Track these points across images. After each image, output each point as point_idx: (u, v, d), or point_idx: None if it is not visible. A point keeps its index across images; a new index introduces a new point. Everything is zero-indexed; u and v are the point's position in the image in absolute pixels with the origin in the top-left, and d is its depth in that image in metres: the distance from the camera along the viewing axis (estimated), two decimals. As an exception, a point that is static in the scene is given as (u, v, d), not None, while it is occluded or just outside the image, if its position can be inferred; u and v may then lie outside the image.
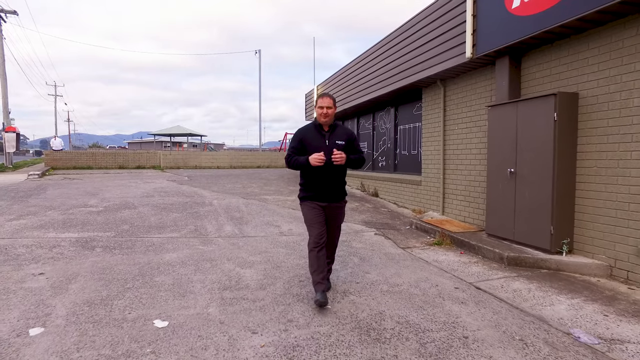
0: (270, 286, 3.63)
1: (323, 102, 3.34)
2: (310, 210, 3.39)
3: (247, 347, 2.49)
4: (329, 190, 3.38)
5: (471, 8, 5.63)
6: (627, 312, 3.29)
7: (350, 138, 3.46)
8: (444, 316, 3.14)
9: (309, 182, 3.39)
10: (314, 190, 3.37)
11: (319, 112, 3.34)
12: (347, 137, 3.44)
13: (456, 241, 5.54)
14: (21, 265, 3.94)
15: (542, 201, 4.65)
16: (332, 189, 3.39)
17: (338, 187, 3.45)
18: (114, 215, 6.69)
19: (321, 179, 3.34)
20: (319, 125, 3.39)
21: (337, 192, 3.44)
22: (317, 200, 3.38)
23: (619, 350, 2.68)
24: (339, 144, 3.34)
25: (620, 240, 4.07)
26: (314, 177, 3.35)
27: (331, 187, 3.38)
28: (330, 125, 3.41)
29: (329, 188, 3.37)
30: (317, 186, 3.36)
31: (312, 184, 3.38)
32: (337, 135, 3.39)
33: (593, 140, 4.37)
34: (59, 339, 2.49)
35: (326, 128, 3.40)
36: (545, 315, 3.24)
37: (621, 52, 4.04)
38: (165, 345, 2.47)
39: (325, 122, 3.36)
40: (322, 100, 3.35)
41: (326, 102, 3.33)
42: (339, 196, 3.47)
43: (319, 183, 3.35)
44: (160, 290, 3.41)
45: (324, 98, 3.36)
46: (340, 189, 3.47)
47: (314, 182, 3.36)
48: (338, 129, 3.46)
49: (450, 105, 7.05)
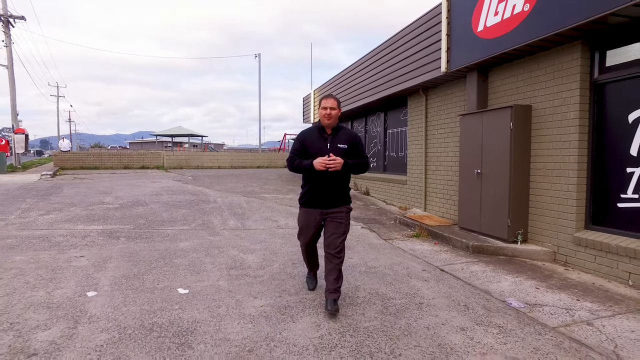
0: (268, 267, 4.42)
1: (327, 102, 3.23)
2: (304, 217, 3.38)
3: (250, 307, 3.28)
4: (329, 195, 3.28)
5: (445, 29, 6.42)
6: (555, 286, 4.08)
7: (354, 141, 3.32)
8: (407, 289, 3.92)
9: (309, 185, 3.31)
10: (314, 195, 3.29)
11: (322, 113, 3.24)
12: (350, 140, 3.30)
13: (432, 233, 6.33)
14: (64, 249, 4.76)
15: (501, 198, 5.44)
16: (333, 193, 3.28)
17: (339, 192, 3.32)
18: (129, 211, 7.48)
19: (321, 183, 3.25)
20: (322, 128, 3.30)
21: (338, 197, 3.32)
22: (315, 206, 3.31)
23: (537, 311, 3.47)
24: (340, 147, 3.23)
25: (562, 230, 4.86)
26: (314, 181, 3.26)
27: (331, 191, 3.28)
28: (333, 128, 3.30)
29: (329, 193, 3.27)
30: (317, 190, 3.28)
31: (312, 187, 3.30)
32: (339, 138, 3.27)
33: (543, 146, 5.16)
34: (109, 299, 3.30)
35: (329, 131, 3.29)
36: (490, 289, 4.02)
37: (561, 73, 4.83)
38: (188, 305, 3.27)
39: (329, 125, 3.26)
40: (326, 101, 3.24)
41: (330, 103, 3.22)
42: (340, 201, 3.33)
43: (319, 187, 3.26)
44: (179, 269, 4.21)
45: (328, 99, 3.26)
46: (341, 194, 3.34)
47: (314, 186, 3.28)
48: (341, 132, 3.33)
49: (431, 112, 7.84)
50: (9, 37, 22.13)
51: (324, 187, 3.27)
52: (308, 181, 3.33)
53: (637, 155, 4.20)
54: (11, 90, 22.22)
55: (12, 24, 22.31)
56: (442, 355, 2.63)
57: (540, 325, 3.16)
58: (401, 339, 2.84)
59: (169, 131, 37.20)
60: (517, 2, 4.97)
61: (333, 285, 3.23)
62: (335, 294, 3.21)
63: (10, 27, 22.33)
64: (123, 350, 2.52)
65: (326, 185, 3.26)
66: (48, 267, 4.10)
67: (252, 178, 14.95)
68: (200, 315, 3.08)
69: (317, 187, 3.28)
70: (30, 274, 3.86)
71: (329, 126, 3.29)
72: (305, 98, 16.11)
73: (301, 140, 3.33)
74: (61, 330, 2.74)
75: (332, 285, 3.23)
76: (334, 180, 3.26)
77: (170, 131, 37.08)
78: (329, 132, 3.30)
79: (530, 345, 2.80)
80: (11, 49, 22.15)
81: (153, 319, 2.98)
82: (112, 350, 2.51)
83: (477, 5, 5.70)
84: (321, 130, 3.31)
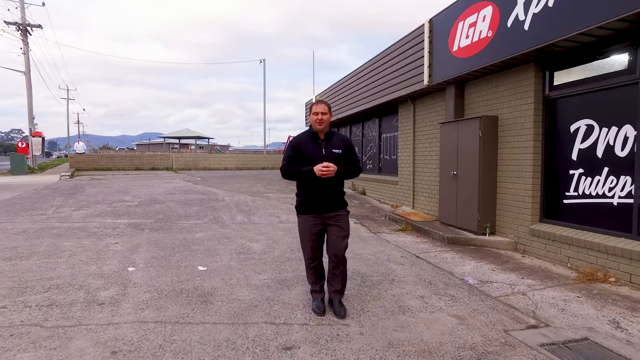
0: (270, 252, 5.30)
1: (318, 108, 3.25)
2: (304, 227, 3.34)
3: (255, 279, 4.17)
4: (325, 200, 3.28)
5: (427, 47, 7.28)
6: (508, 269, 4.92)
7: (347, 146, 3.37)
8: (384, 270, 4.78)
9: (305, 192, 3.31)
10: (310, 201, 3.29)
11: (314, 119, 3.25)
12: (344, 145, 3.34)
13: (415, 228, 7.18)
14: (100, 238, 5.70)
15: (472, 196, 6.28)
16: (329, 198, 3.29)
17: (335, 197, 3.33)
18: (148, 208, 8.41)
19: (317, 189, 3.24)
20: (315, 134, 3.29)
21: (334, 201, 3.33)
22: (313, 212, 3.30)
23: (487, 286, 4.31)
24: (335, 152, 3.25)
25: (521, 223, 5.69)
26: (309, 187, 3.26)
27: (327, 196, 3.28)
28: (326, 134, 3.32)
29: (325, 198, 3.28)
30: (312, 196, 3.27)
31: (307, 194, 3.29)
32: (333, 143, 3.29)
33: (506, 151, 5.99)
34: (146, 273, 4.21)
35: (322, 136, 3.30)
36: (454, 271, 4.86)
37: (520, 89, 5.67)
38: (207, 277, 4.16)
39: (321, 130, 3.27)
40: (317, 107, 3.27)
41: (321, 108, 3.24)
42: (337, 205, 3.34)
43: (315, 193, 3.25)
44: (197, 253, 5.11)
45: (318, 104, 3.28)
46: (337, 198, 3.35)
47: (309, 192, 3.28)
48: (334, 137, 3.36)
49: (418, 119, 8.69)
50: (26, 44, 23.27)
51: (321, 192, 3.24)
52: (304, 188, 3.31)
53: (576, 160, 5.03)
54: (28, 95, 23.34)
55: (29, 32, 23.47)
56: (400, 312, 3.49)
57: (485, 295, 4.00)
58: (371, 302, 3.70)
59: (176, 133, 38.34)
60: (482, 28, 5.82)
61: (338, 285, 3.39)
62: (340, 294, 3.39)
63: (28, 35, 23.48)
64: (162, 303, 3.42)
65: (323, 190, 3.24)
66: (92, 250, 5.04)
67: (257, 179, 15.87)
68: (216, 284, 3.98)
69: (314, 193, 3.25)
70: (81, 255, 4.80)
71: (322, 131, 3.29)
72: (307, 103, 17.01)
73: (294, 146, 3.31)
74: (116, 291, 3.66)
75: (338, 285, 3.39)
76: (330, 185, 3.26)
77: (178, 133, 38.23)
78: (322, 138, 3.30)
79: (470, 307, 3.65)
80: (29, 56, 23.28)
81: (181, 285, 3.89)
82: (154, 303, 3.41)
83: (453, 28, 6.55)
84: (314, 136, 3.30)
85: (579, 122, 5.00)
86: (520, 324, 3.32)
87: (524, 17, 5.02)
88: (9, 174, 17.70)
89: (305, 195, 3.32)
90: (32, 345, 2.62)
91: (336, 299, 3.37)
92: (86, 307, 3.29)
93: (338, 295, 3.39)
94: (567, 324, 3.32)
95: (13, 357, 2.48)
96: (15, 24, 22.52)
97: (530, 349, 2.87)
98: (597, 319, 3.40)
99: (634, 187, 4.32)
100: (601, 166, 4.72)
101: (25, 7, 22.89)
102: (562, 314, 3.52)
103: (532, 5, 4.87)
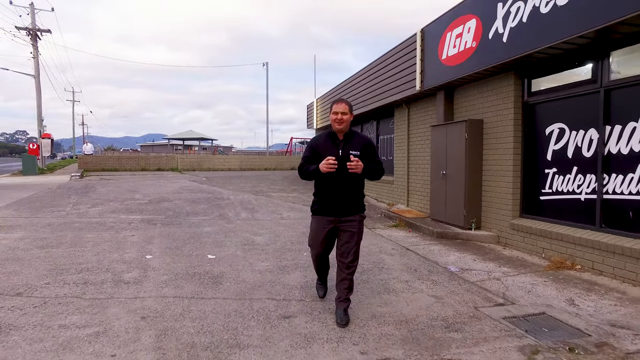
0: (272, 244, 5.82)
1: (338, 107, 3.12)
2: (316, 228, 3.27)
3: (259, 266, 4.69)
4: (341, 202, 3.15)
5: (419, 54, 7.79)
6: (488, 259, 5.42)
7: (367, 145, 3.20)
8: (376, 259, 5.29)
9: (320, 192, 3.21)
10: (325, 202, 3.18)
11: (333, 118, 3.12)
12: (363, 144, 3.17)
13: (408, 224, 7.69)
14: (118, 231, 6.25)
15: (459, 193, 6.79)
16: (345, 200, 3.16)
17: (352, 199, 3.19)
18: (158, 205, 8.96)
19: (333, 189, 3.13)
20: (333, 134, 3.18)
21: (351, 204, 3.19)
22: (327, 214, 3.18)
23: (466, 273, 4.81)
24: (352, 154, 3.06)
25: (503, 219, 6.19)
26: (325, 187, 3.15)
27: (344, 198, 3.15)
28: (345, 134, 3.17)
29: (341, 199, 3.15)
30: (328, 197, 3.16)
31: (323, 194, 3.18)
32: (352, 144, 3.13)
33: (490, 152, 6.49)
34: (161, 259, 4.76)
35: (341, 137, 3.17)
36: (439, 261, 5.37)
37: (502, 95, 6.18)
38: (216, 263, 4.69)
39: (340, 130, 3.13)
40: (337, 106, 3.14)
41: (341, 108, 3.11)
42: (353, 209, 3.20)
43: (331, 194, 3.14)
44: (206, 244, 5.64)
45: (339, 103, 3.15)
46: (354, 201, 3.21)
47: (325, 193, 3.17)
48: (355, 137, 3.21)
49: (412, 122, 9.20)
50: (36, 49, 23.94)
51: (336, 194, 3.14)
52: (320, 188, 3.22)
53: (551, 160, 5.53)
54: (37, 98, 24.00)
55: (39, 37, 24.14)
56: (385, 293, 4.00)
57: (463, 280, 4.51)
58: (360, 285, 4.21)
59: (181, 135, 39.01)
60: (467, 39, 6.33)
61: (344, 294, 3.20)
62: (346, 303, 3.21)
63: (37, 40, 24.16)
64: (179, 283, 3.96)
65: (339, 192, 3.13)
66: (112, 241, 5.60)
67: (260, 179, 16.41)
68: (225, 269, 4.51)
69: (329, 194, 3.15)
70: (103, 245, 5.36)
71: (341, 131, 3.16)
72: (308, 106, 17.55)
73: (312, 147, 3.25)
74: (138, 273, 4.21)
75: (343, 294, 3.20)
76: (346, 187, 3.13)
77: (183, 135, 38.89)
78: (340, 138, 3.18)
79: (448, 290, 4.16)
80: (38, 60, 23.96)
81: (194, 270, 4.43)
82: (172, 283, 3.95)
83: (442, 38, 7.06)
84: (332, 136, 3.19)
85: (553, 126, 5.50)
86: (490, 302, 3.83)
87: (503, 30, 5.53)
88: (21, 175, 18.32)
89: (320, 196, 3.23)
90: (77, 311, 3.20)
91: (340, 307, 3.19)
92: (115, 285, 3.84)
93: (342, 304, 3.20)
94: (530, 302, 3.83)
95: (65, 318, 3.07)
96: (25, 29, 23.20)
97: (493, 320, 3.37)
98: (556, 298, 3.90)
99: (597, 185, 4.81)
100: (571, 165, 5.21)
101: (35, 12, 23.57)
102: (528, 295, 4.02)
103: (510, 20, 5.38)
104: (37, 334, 2.83)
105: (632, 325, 3.26)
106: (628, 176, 4.47)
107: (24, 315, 3.14)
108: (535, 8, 4.91)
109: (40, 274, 4.13)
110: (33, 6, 23.31)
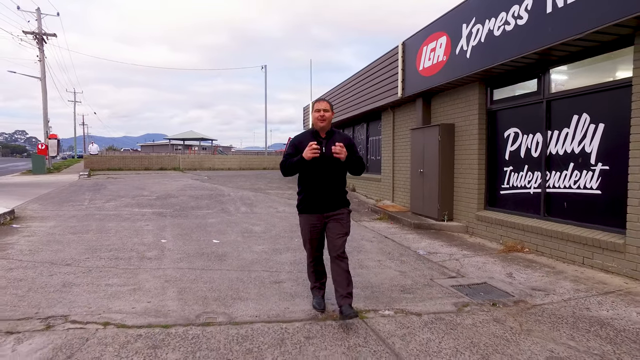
0: (268, 233, 6.71)
1: (320, 105, 3.25)
2: (305, 226, 3.33)
3: (256, 248, 5.58)
4: (327, 197, 3.24)
5: (401, 64, 8.68)
6: (453, 245, 6.30)
7: (349, 144, 3.25)
8: (356, 245, 6.16)
9: (304, 189, 3.28)
10: (312, 199, 3.25)
11: (316, 116, 3.24)
12: (345, 143, 3.20)
13: (391, 217, 8.57)
14: (134, 222, 7.14)
15: (434, 189, 7.67)
16: (329, 195, 3.25)
17: (336, 194, 3.29)
18: (165, 201, 9.85)
19: (317, 184, 3.21)
20: (316, 132, 3.27)
21: (336, 199, 3.28)
22: (313, 211, 3.26)
23: (432, 255, 5.67)
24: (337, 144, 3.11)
25: (470, 211, 7.08)
26: (310, 182, 3.23)
27: (328, 193, 3.24)
28: (327, 132, 3.28)
29: (326, 194, 3.23)
30: (314, 194, 3.23)
31: (309, 192, 3.25)
32: (334, 142, 3.17)
33: (461, 153, 7.38)
34: (175, 243, 5.65)
35: (323, 134, 3.27)
36: (411, 246, 6.24)
37: (469, 102, 7.07)
38: (220, 246, 5.59)
39: (323, 127, 3.24)
40: (319, 104, 3.26)
41: (322, 105, 3.24)
42: (338, 204, 3.30)
43: (317, 190, 3.22)
44: (211, 232, 6.53)
45: (320, 102, 3.29)
46: (338, 195, 3.31)
47: (309, 188, 3.24)
48: (336, 135, 3.31)
49: (397, 125, 10.09)
50: (42, 52, 24.80)
51: (321, 190, 3.21)
52: (304, 185, 3.29)
53: (508, 159, 6.43)
54: (43, 100, 24.85)
55: (45, 41, 24.99)
56: (359, 268, 4.88)
57: (428, 260, 5.39)
58: (340, 262, 5.09)
59: (181, 135, 39.86)
60: (440, 53, 7.22)
61: (345, 290, 3.17)
62: (349, 298, 3.16)
63: (44, 43, 25.01)
64: (191, 259, 4.86)
65: (324, 188, 3.21)
66: (131, 229, 6.49)
67: (259, 178, 17.30)
68: (228, 250, 5.40)
69: (314, 190, 3.23)
70: (124, 232, 6.26)
71: (323, 129, 3.26)
72: (305, 108, 18.43)
73: (295, 144, 3.30)
74: (157, 252, 5.11)
75: (345, 290, 3.17)
76: (330, 181, 3.23)
77: (183, 135, 39.75)
78: (323, 136, 3.26)
79: (412, 267, 5.04)
80: (44, 63, 24.81)
81: (202, 250, 5.32)
82: (185, 259, 4.86)
83: (419, 51, 7.95)
84: (315, 134, 3.27)
85: (510, 130, 6.39)
86: (444, 275, 4.71)
87: (466, 48, 6.42)
88: (31, 174, 19.18)
89: (305, 193, 3.28)
90: (115, 276, 4.13)
91: (346, 303, 3.12)
92: (140, 260, 4.76)
93: (346, 300, 3.14)
94: (477, 276, 4.71)
95: (108, 279, 4.01)
96: (32, 33, 24.05)
97: (442, 288, 4.25)
98: (498, 273, 4.78)
99: (542, 180, 5.71)
100: (523, 164, 6.11)
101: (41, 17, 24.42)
102: (478, 271, 4.90)
103: (471, 40, 6.27)
104: (92, 288, 3.79)
105: (548, 289, 4.15)
106: (563, 173, 5.37)
107: (78, 277, 4.12)
108: (490, 31, 5.81)
109: (79, 252, 5.11)
110: (40, 11, 24.16)
